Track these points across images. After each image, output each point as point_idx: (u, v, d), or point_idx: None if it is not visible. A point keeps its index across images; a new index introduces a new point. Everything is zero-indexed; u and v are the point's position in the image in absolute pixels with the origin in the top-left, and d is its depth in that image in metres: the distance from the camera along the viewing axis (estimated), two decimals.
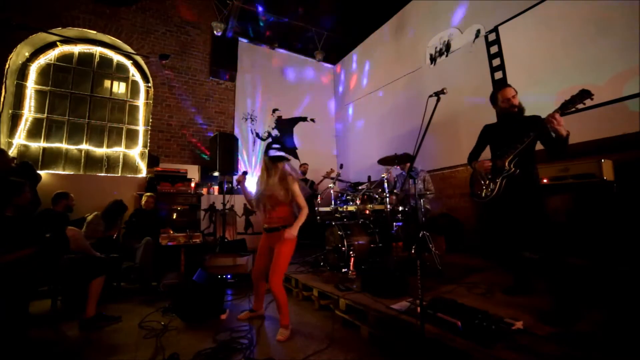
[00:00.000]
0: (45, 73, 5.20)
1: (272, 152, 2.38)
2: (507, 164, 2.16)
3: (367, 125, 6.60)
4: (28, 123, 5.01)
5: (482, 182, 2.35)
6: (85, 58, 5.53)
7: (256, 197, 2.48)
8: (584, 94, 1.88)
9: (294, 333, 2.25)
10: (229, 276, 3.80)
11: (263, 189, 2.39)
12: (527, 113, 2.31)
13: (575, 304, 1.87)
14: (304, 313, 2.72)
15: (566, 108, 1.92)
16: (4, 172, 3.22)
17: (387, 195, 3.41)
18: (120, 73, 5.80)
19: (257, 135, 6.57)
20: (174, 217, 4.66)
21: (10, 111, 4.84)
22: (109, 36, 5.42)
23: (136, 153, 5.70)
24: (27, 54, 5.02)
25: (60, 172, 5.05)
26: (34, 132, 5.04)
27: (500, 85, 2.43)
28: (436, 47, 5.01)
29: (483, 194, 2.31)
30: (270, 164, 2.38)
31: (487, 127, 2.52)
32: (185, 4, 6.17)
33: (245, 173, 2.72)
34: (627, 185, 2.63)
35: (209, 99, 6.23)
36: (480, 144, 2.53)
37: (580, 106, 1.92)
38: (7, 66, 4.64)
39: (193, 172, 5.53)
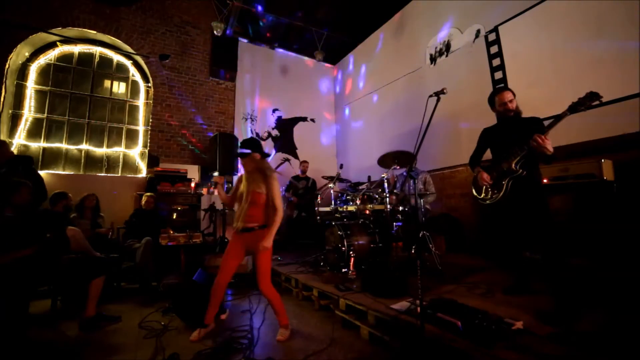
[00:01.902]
0: (45, 73, 5.20)
1: (241, 150, 2.32)
2: (513, 165, 2.17)
3: (367, 125, 6.59)
4: (28, 123, 5.01)
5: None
6: (85, 58, 5.52)
7: (232, 195, 2.44)
8: (593, 96, 1.86)
9: (293, 333, 2.25)
10: None
11: (242, 188, 2.33)
12: (527, 113, 2.31)
13: (575, 304, 1.87)
14: (304, 313, 2.72)
15: (574, 110, 1.92)
16: (2, 163, 3.25)
17: (387, 195, 3.41)
18: (120, 73, 5.79)
19: (257, 135, 6.57)
20: (174, 217, 4.65)
21: (10, 111, 4.84)
22: (109, 36, 5.42)
23: (136, 153, 5.70)
24: (27, 54, 5.02)
25: (60, 172, 5.05)
26: (34, 132, 5.03)
27: (498, 88, 2.43)
28: (436, 47, 5.01)
29: (488, 196, 2.31)
30: (242, 160, 2.33)
31: (485, 130, 2.53)
32: (185, 4, 6.17)
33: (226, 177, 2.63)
34: (627, 185, 2.63)
35: (209, 99, 6.23)
36: (480, 147, 2.54)
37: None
38: (7, 66, 4.64)
39: (193, 172, 5.53)
